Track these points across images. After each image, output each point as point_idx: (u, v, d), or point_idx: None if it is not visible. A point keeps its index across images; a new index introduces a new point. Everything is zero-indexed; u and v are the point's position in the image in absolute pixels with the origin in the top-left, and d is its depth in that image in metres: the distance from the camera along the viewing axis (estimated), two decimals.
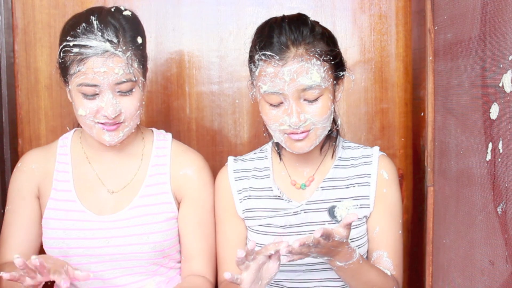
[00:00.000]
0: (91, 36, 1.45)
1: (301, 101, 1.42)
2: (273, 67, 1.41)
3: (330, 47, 1.45)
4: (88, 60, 1.44)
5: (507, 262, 1.15)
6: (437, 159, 1.62)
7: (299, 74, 1.39)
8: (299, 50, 1.40)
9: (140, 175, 1.61)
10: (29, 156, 1.64)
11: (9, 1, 1.95)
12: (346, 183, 1.55)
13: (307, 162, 1.57)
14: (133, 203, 1.58)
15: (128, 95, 1.50)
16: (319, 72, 1.40)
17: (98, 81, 1.45)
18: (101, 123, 1.49)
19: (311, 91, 1.41)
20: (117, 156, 1.62)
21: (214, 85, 2.02)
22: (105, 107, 1.47)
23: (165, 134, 1.69)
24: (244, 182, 1.60)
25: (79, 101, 1.48)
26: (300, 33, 1.41)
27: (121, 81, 1.47)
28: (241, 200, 1.58)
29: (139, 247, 1.55)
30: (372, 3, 1.98)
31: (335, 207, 1.52)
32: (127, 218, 1.56)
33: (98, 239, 1.55)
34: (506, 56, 1.14)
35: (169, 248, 1.59)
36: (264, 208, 1.56)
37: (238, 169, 1.61)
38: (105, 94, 1.47)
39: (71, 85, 1.49)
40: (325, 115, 1.44)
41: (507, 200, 1.15)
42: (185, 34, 2.01)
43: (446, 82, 1.54)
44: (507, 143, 1.14)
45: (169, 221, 1.59)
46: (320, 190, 1.54)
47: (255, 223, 1.56)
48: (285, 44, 1.40)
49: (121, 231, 1.55)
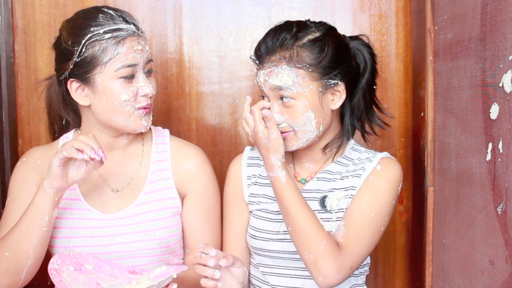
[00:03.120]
0: (116, 21, 1.51)
1: (279, 102, 1.50)
2: (256, 69, 1.55)
3: (315, 56, 1.48)
4: (126, 40, 1.50)
5: (507, 262, 1.15)
6: (437, 159, 1.62)
7: (270, 76, 1.49)
8: (273, 57, 1.49)
9: (142, 172, 1.62)
10: (34, 152, 1.64)
11: (9, 1, 1.95)
12: (341, 176, 1.57)
13: (311, 159, 1.60)
14: (138, 200, 1.58)
15: (151, 75, 1.58)
16: (290, 76, 1.47)
17: (137, 60, 1.51)
18: (141, 107, 1.53)
19: (282, 92, 1.48)
20: (118, 155, 1.62)
21: (214, 85, 2.02)
22: (144, 86, 1.52)
23: (163, 130, 1.70)
24: (254, 169, 1.65)
25: (119, 87, 1.50)
26: (278, 40, 1.49)
27: (149, 59, 1.56)
28: (249, 186, 1.64)
29: (145, 244, 1.56)
30: (372, 3, 1.98)
31: (326, 197, 1.54)
32: (132, 215, 1.57)
33: (104, 237, 1.55)
34: (506, 56, 1.14)
35: (175, 244, 1.61)
36: (264, 195, 1.61)
37: (253, 157, 1.68)
38: (139, 74, 1.53)
39: (105, 74, 1.49)
40: (297, 119, 1.49)
41: (507, 200, 1.15)
42: (185, 34, 2.01)
43: (446, 82, 1.54)
44: (507, 143, 1.14)
45: (174, 216, 1.60)
46: (315, 180, 1.58)
47: (256, 207, 1.62)
48: (263, 50, 1.51)
49: (127, 229, 1.56)
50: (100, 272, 1.46)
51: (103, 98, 1.51)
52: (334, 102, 1.52)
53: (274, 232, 1.57)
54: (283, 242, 1.55)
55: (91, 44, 1.48)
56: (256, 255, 1.62)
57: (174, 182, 1.62)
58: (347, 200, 1.53)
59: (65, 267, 1.42)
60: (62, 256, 1.44)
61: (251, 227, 1.61)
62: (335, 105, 1.52)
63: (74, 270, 1.43)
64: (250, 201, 1.63)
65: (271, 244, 1.56)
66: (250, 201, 1.63)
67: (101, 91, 1.50)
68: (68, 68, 1.51)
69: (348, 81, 1.53)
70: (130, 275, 1.47)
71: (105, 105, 1.51)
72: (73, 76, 1.52)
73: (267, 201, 1.60)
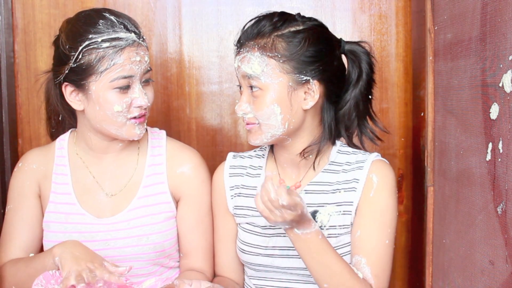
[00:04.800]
0: (116, 29, 1.47)
1: (249, 91, 1.47)
2: (234, 56, 1.52)
3: (290, 47, 1.44)
4: (124, 51, 1.47)
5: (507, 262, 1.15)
6: (437, 159, 1.62)
7: (243, 61, 1.47)
8: (249, 43, 1.46)
9: (137, 177, 1.61)
10: (30, 156, 1.64)
11: (9, 1, 1.95)
12: (333, 188, 1.51)
13: (292, 164, 1.54)
14: (132, 204, 1.58)
15: (149, 84, 1.55)
16: (260, 64, 1.44)
17: (134, 71, 1.48)
18: (133, 117, 1.51)
19: (251, 81, 1.45)
20: (114, 159, 1.61)
21: (214, 85, 2.02)
22: (139, 98, 1.50)
23: (159, 132, 1.68)
24: (237, 179, 1.60)
25: (114, 97, 1.47)
26: (257, 27, 1.47)
27: (147, 69, 1.53)
28: (232, 197, 1.60)
29: (139, 249, 1.55)
30: (372, 3, 1.98)
31: (317, 211, 1.47)
32: (126, 220, 1.56)
33: (98, 242, 1.54)
34: (506, 56, 1.14)
35: (170, 248, 1.60)
36: (250, 207, 1.56)
37: (235, 166, 1.62)
38: (136, 85, 1.50)
39: (100, 83, 1.47)
40: (262, 111, 1.44)
41: (507, 200, 1.15)
42: (185, 34, 2.01)
43: (446, 82, 1.54)
44: (507, 143, 1.14)
45: (168, 220, 1.59)
46: (303, 193, 1.51)
47: (243, 220, 1.57)
48: (242, 37, 1.49)
49: (121, 233, 1.55)
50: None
51: (96, 106, 1.49)
52: (307, 101, 1.46)
53: (262, 247, 1.52)
54: (272, 257, 1.51)
55: (88, 51, 1.46)
56: (246, 268, 1.59)
57: (169, 186, 1.60)
58: (342, 217, 1.48)
59: (51, 286, 1.41)
60: (46, 276, 1.42)
61: (240, 240, 1.56)
62: (307, 104, 1.46)
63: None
64: (236, 214, 1.59)
65: (260, 258, 1.52)
66: (235, 213, 1.59)
67: (95, 99, 1.48)
68: (63, 72, 1.50)
69: (325, 82, 1.47)
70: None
71: (97, 114, 1.50)
72: (68, 80, 1.50)
73: (253, 214, 1.55)
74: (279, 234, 1.51)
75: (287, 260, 1.50)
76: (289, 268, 1.51)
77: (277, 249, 1.51)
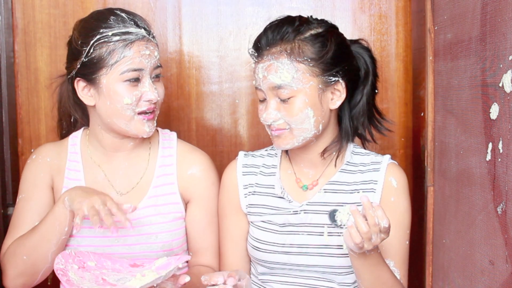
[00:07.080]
0: (127, 25, 1.51)
1: (277, 99, 1.46)
2: (254, 63, 1.50)
3: (317, 50, 1.45)
4: (134, 44, 1.50)
5: (507, 262, 1.15)
6: (437, 159, 1.62)
7: (269, 71, 1.45)
8: (273, 49, 1.45)
9: (147, 176, 1.62)
10: (44, 149, 1.65)
11: (9, 1, 1.95)
12: (351, 188, 1.54)
13: (310, 163, 1.57)
14: (142, 203, 1.59)
15: (159, 80, 1.57)
16: (290, 72, 1.44)
17: (143, 65, 1.51)
18: (142, 113, 1.52)
19: (281, 90, 1.45)
20: (125, 158, 1.63)
21: (214, 85, 2.02)
22: (149, 92, 1.52)
23: (170, 133, 1.70)
24: (251, 178, 1.61)
25: (124, 90, 1.50)
26: (279, 33, 1.46)
27: (157, 65, 1.56)
28: (246, 195, 1.60)
29: (147, 247, 1.57)
30: (372, 3, 1.98)
31: (336, 211, 1.46)
32: (136, 218, 1.57)
33: (108, 238, 1.55)
34: (506, 56, 1.14)
35: (178, 248, 1.61)
36: (266, 205, 1.58)
37: (247, 164, 1.63)
38: (146, 79, 1.52)
39: (111, 76, 1.50)
40: (296, 116, 1.45)
41: (507, 200, 1.15)
42: (185, 34, 2.01)
43: (446, 82, 1.54)
44: (507, 143, 1.14)
45: (176, 220, 1.61)
46: (322, 192, 1.54)
47: (257, 218, 1.58)
48: (263, 42, 1.47)
49: (131, 231, 1.56)
50: (103, 268, 1.47)
51: (107, 101, 1.51)
52: (334, 101, 1.49)
53: (279, 244, 1.53)
54: (289, 255, 1.53)
55: (99, 45, 1.49)
56: (258, 265, 1.59)
57: (178, 187, 1.62)
58: None
59: (69, 266, 1.44)
60: (65, 255, 1.45)
61: (254, 238, 1.57)
62: (334, 104, 1.49)
63: (78, 268, 1.44)
64: (249, 212, 1.60)
65: (277, 256, 1.54)
66: (249, 212, 1.60)
67: (106, 93, 1.51)
68: (75, 67, 1.53)
69: (348, 81, 1.50)
70: (132, 268, 1.48)
71: (108, 108, 1.52)
72: (80, 75, 1.53)
73: (270, 212, 1.56)
74: (297, 232, 1.53)
75: (305, 257, 1.52)
76: (307, 266, 1.52)
77: (294, 246, 1.52)
